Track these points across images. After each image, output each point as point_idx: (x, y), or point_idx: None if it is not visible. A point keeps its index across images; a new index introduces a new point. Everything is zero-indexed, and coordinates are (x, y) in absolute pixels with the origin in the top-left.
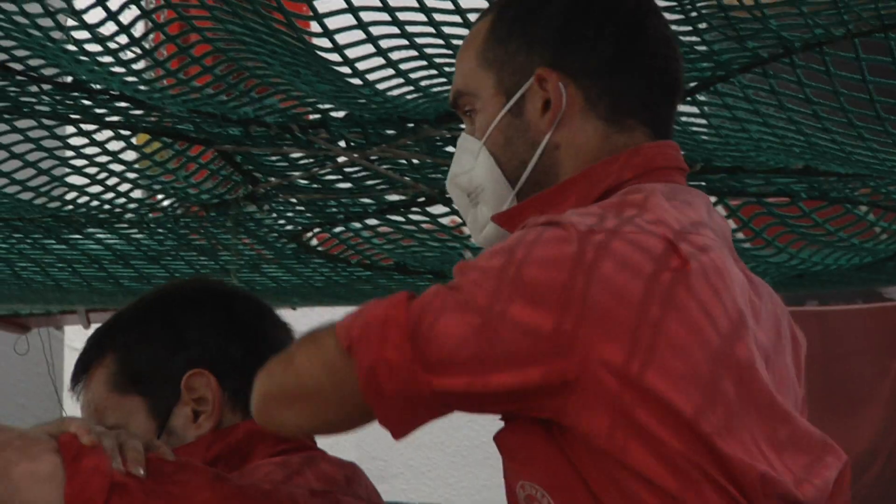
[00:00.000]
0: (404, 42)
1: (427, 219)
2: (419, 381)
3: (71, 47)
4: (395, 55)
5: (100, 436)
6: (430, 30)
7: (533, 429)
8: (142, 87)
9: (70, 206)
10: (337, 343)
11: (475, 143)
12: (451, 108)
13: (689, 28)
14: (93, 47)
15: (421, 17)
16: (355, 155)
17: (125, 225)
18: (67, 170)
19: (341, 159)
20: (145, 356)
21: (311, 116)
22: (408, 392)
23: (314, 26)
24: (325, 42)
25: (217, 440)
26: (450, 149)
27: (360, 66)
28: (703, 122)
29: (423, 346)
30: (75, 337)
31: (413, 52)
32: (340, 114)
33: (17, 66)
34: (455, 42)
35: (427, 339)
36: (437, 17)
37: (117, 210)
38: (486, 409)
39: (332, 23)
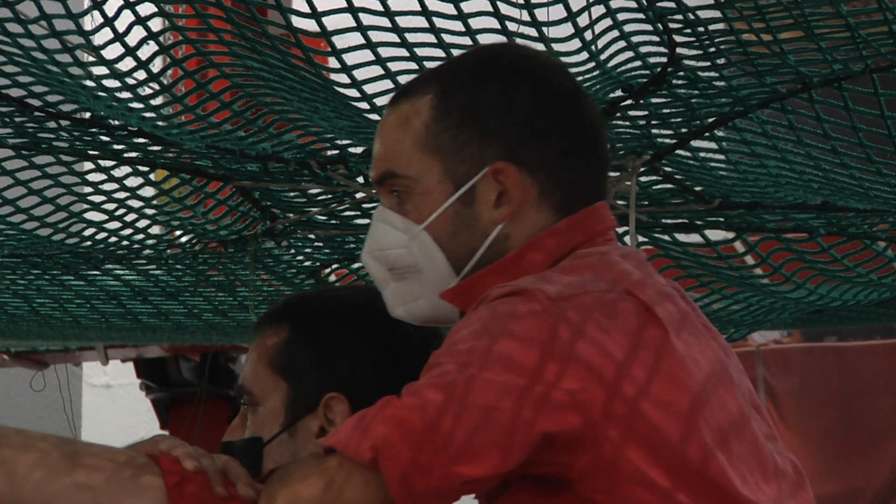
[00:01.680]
0: None
1: None
2: (450, 476)
3: (89, 83)
4: None
5: (202, 461)
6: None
7: (534, 494)
8: (160, 123)
9: (88, 243)
10: (349, 462)
11: (411, 226)
12: (375, 182)
13: (708, 63)
14: (111, 83)
15: (439, 52)
16: (374, 191)
17: (143, 261)
18: (85, 206)
19: (360, 195)
20: (310, 352)
21: (330, 152)
22: (439, 488)
23: (332, 62)
24: (343, 77)
25: None
26: None
27: (379, 101)
28: (722, 157)
29: (442, 443)
30: (93, 373)
31: None
32: (359, 149)
33: (36, 102)
34: None
35: (443, 434)
36: (456, 52)
37: (135, 246)
38: (507, 477)
39: (350, 58)
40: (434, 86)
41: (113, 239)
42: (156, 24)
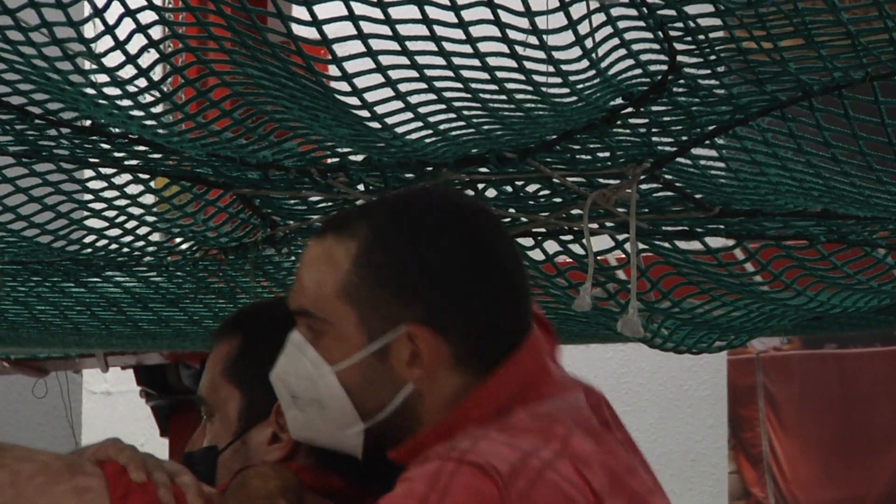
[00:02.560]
0: (423, 86)
1: None
2: None
3: (90, 90)
4: (413, 99)
5: (150, 470)
6: (450, 73)
7: None
8: (160, 131)
9: (89, 250)
10: None
11: (322, 365)
12: (293, 312)
13: (708, 71)
14: (112, 90)
15: (440, 60)
16: (374, 198)
17: (144, 268)
18: (86, 213)
19: (360, 203)
20: (261, 361)
21: (330, 160)
22: None
23: (332, 70)
24: (343, 85)
25: None
26: (468, 192)
27: (379, 109)
28: (722, 165)
29: None
30: (93, 380)
31: (432, 96)
32: (359, 157)
33: (36, 110)
34: (474, 85)
35: None
36: (457, 60)
37: (136, 253)
38: None
39: (350, 66)
40: (360, 233)
41: (113, 246)
42: (156, 33)
